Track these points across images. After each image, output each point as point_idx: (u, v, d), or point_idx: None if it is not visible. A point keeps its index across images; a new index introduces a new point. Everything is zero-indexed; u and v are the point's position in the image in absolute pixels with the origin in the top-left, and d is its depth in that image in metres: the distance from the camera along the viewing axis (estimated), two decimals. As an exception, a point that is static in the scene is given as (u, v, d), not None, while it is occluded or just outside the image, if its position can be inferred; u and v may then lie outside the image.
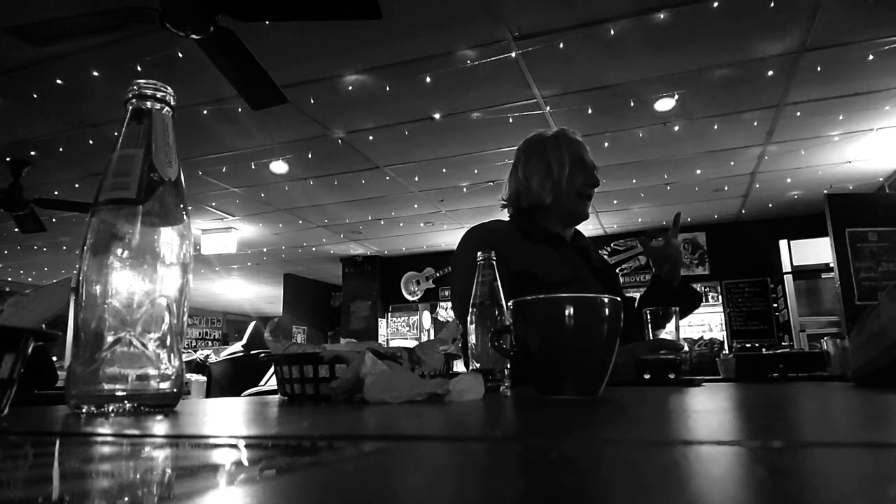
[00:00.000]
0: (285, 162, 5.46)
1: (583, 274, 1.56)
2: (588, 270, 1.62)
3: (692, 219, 7.77)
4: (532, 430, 0.40)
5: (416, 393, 0.64)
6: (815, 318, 6.68)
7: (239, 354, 5.01)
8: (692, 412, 0.50)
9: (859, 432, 0.37)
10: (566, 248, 1.62)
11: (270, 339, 0.85)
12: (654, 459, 0.25)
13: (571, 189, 1.62)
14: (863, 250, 5.51)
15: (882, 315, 0.80)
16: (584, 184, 1.63)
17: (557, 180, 1.62)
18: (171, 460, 0.29)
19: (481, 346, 0.96)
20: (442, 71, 3.94)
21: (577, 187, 1.62)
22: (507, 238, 1.54)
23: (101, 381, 0.53)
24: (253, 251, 8.64)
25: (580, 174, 1.63)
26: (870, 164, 5.80)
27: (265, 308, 13.55)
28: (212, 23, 2.75)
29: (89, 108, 4.31)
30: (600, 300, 0.72)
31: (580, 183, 1.63)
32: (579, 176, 1.63)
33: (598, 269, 1.66)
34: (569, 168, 1.62)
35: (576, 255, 1.64)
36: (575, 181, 1.62)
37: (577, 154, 1.65)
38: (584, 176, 1.64)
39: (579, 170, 1.64)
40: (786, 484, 0.19)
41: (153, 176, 0.59)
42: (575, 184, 1.62)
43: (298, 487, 0.21)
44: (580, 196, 1.63)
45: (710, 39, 3.67)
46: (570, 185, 1.62)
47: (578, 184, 1.62)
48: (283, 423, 0.49)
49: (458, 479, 0.22)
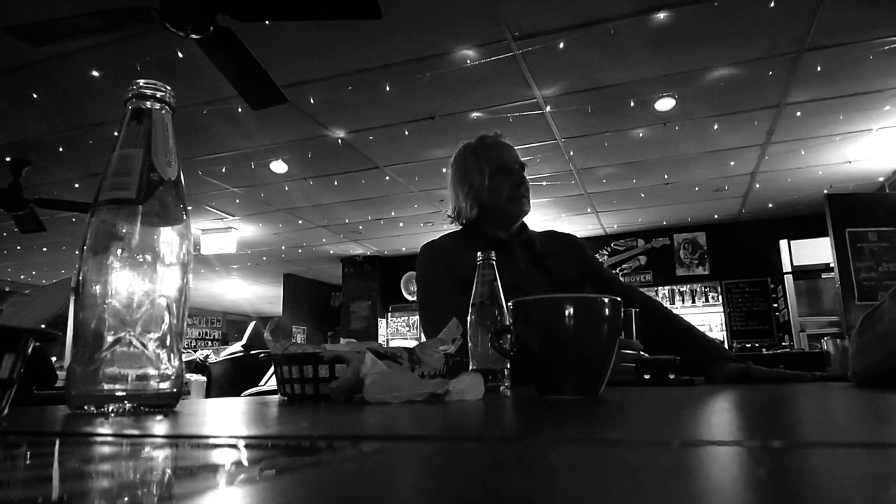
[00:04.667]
0: (285, 162, 5.46)
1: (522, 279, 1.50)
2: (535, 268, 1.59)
3: (692, 219, 7.77)
4: (532, 430, 0.40)
5: (416, 393, 0.64)
6: (815, 318, 6.68)
7: (239, 354, 5.01)
8: (692, 412, 0.50)
9: (859, 432, 0.37)
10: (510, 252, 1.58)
11: (270, 339, 0.85)
12: (654, 459, 0.25)
13: (498, 196, 1.62)
14: (863, 250, 5.51)
15: (886, 318, 0.80)
16: (512, 187, 1.63)
17: (479, 192, 1.63)
18: (171, 460, 0.29)
19: (481, 346, 0.96)
20: (442, 71, 3.94)
21: (504, 193, 1.62)
22: (454, 250, 1.57)
23: (101, 381, 0.53)
24: (253, 251, 8.64)
25: (504, 179, 1.63)
26: (870, 164, 5.80)
27: (265, 308, 13.55)
28: (211, 22, 2.74)
29: (89, 108, 4.31)
30: (600, 300, 0.72)
31: (507, 188, 1.62)
32: (503, 181, 1.63)
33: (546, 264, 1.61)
34: (489, 177, 1.62)
35: (523, 256, 1.62)
36: (501, 188, 1.62)
37: (496, 160, 1.65)
38: (508, 180, 1.63)
39: (503, 175, 1.63)
40: (786, 484, 0.19)
41: (153, 176, 0.59)
42: (501, 190, 1.62)
43: (298, 487, 0.21)
44: (510, 199, 1.62)
45: (710, 39, 3.67)
46: (497, 193, 1.62)
47: (505, 189, 1.62)
48: (283, 423, 0.49)
49: (458, 479, 0.22)
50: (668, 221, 7.86)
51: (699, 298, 8.14)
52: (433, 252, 1.63)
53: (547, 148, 5.23)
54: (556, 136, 5.03)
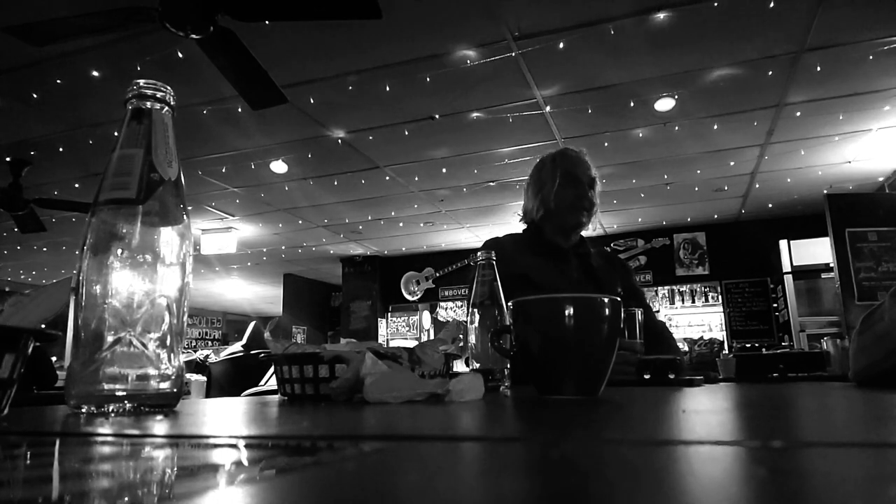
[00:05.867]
0: (285, 162, 5.46)
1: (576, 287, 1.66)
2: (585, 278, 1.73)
3: (692, 219, 7.77)
4: (532, 430, 0.40)
5: (416, 393, 0.64)
6: (815, 318, 6.68)
7: (239, 354, 5.00)
8: (692, 412, 0.50)
9: (859, 432, 0.37)
10: (564, 258, 1.74)
11: (270, 339, 0.85)
12: (654, 459, 0.25)
13: (563, 203, 1.73)
14: (863, 250, 5.51)
15: (886, 317, 0.80)
16: (576, 197, 1.73)
17: (546, 197, 1.75)
18: (171, 460, 0.29)
19: (481, 346, 0.96)
20: (442, 71, 3.94)
21: (568, 201, 1.73)
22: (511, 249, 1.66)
23: (101, 381, 0.53)
24: (253, 251, 8.64)
25: (570, 189, 1.73)
26: (870, 164, 5.80)
27: (265, 308, 13.55)
28: (211, 23, 2.74)
29: (89, 108, 4.31)
30: (600, 300, 0.72)
31: (571, 196, 1.73)
32: (570, 190, 1.73)
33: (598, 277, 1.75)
34: (558, 185, 1.73)
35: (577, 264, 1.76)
36: (566, 196, 1.73)
37: (568, 171, 1.76)
38: (574, 191, 1.73)
39: (570, 185, 1.74)
40: (786, 484, 0.19)
41: (153, 176, 0.59)
42: (566, 198, 1.73)
43: (298, 487, 0.21)
44: (572, 209, 1.73)
45: (710, 39, 3.67)
46: (561, 200, 1.73)
47: (569, 198, 1.73)
48: (283, 423, 0.49)
49: (458, 479, 0.22)
50: (667, 221, 7.86)
51: (699, 298, 8.14)
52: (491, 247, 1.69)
53: (547, 148, 5.20)
54: (556, 136, 5.03)
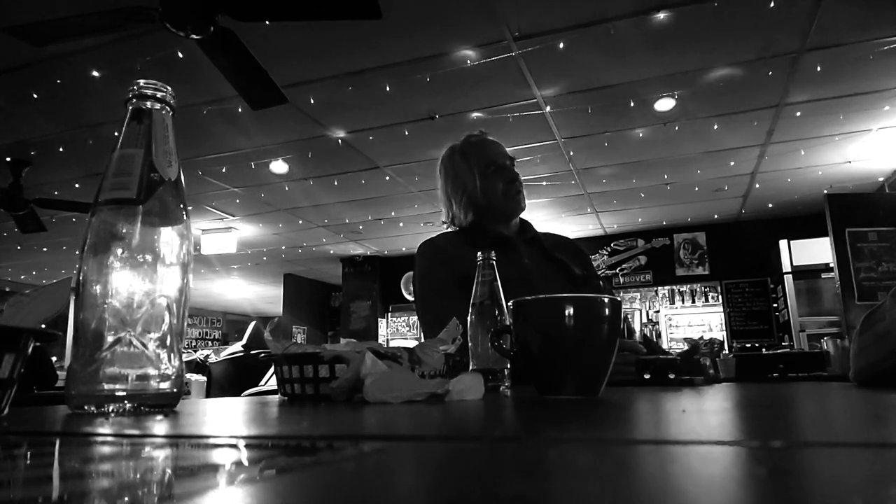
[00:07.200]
0: (285, 162, 5.46)
1: (531, 273, 1.50)
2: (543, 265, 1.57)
3: (692, 219, 7.77)
4: (532, 430, 0.40)
5: (416, 393, 0.64)
6: (815, 318, 6.68)
7: (239, 354, 5.01)
8: (692, 412, 0.50)
9: (859, 432, 0.37)
10: (514, 248, 1.56)
11: (270, 339, 0.85)
12: (654, 459, 0.25)
13: (494, 195, 1.58)
14: (863, 250, 5.51)
15: (887, 317, 0.80)
16: (505, 184, 1.59)
17: (472, 196, 1.59)
18: (171, 460, 0.29)
19: (481, 346, 0.96)
20: (442, 71, 3.94)
21: (499, 191, 1.58)
22: (452, 248, 1.53)
23: (101, 381, 0.53)
24: (253, 251, 8.64)
25: (496, 177, 1.59)
26: (870, 164, 5.80)
27: (265, 308, 13.55)
28: (212, 23, 2.74)
29: (89, 108, 4.31)
30: (600, 300, 0.72)
31: (501, 185, 1.58)
32: (496, 180, 1.59)
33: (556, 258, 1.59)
34: (481, 177, 1.58)
35: (528, 251, 1.59)
36: (494, 187, 1.58)
37: (485, 159, 1.61)
38: (500, 177, 1.59)
39: (493, 173, 1.59)
40: (786, 484, 0.19)
41: (153, 176, 0.59)
42: (495, 189, 1.58)
43: (298, 487, 0.21)
44: (506, 197, 1.59)
45: (710, 39, 3.67)
46: (491, 193, 1.58)
47: (499, 187, 1.58)
48: (283, 423, 0.49)
49: (458, 479, 0.22)
50: (668, 221, 7.86)
51: (699, 298, 8.14)
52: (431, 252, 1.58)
53: (547, 148, 5.23)
54: (556, 136, 5.03)
